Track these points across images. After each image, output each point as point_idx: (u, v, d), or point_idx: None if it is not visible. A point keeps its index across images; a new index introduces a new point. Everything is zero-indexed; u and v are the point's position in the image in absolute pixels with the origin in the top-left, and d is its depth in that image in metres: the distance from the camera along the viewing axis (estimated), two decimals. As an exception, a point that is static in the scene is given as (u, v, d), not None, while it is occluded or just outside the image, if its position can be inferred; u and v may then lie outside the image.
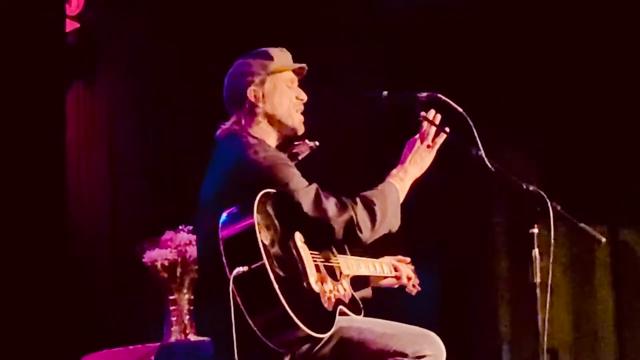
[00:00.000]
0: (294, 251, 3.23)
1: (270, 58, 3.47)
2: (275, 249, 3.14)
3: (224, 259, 3.11)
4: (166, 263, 4.82)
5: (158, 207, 5.90)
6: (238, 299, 3.07)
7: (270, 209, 3.18)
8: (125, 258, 5.40)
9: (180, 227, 4.89)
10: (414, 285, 3.89)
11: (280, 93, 3.46)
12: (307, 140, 3.52)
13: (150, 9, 6.12)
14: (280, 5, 6.10)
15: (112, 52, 6.21)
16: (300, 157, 3.51)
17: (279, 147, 3.48)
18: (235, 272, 3.05)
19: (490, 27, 6.11)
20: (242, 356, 3.10)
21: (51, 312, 5.38)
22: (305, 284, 3.20)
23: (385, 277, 3.79)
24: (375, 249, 3.65)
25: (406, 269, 3.85)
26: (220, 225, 3.16)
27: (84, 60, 6.16)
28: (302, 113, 3.50)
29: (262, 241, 3.08)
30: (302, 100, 3.50)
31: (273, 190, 3.21)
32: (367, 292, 3.70)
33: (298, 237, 3.27)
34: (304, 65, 3.53)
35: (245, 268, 3.06)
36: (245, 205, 3.15)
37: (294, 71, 3.51)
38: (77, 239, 5.90)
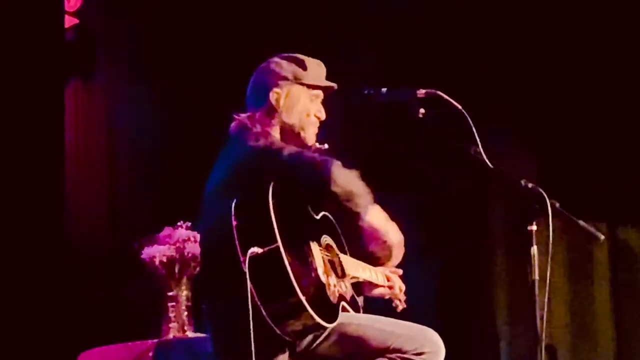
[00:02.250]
0: (304, 240, 3.24)
1: (305, 68, 3.45)
2: (286, 237, 3.13)
3: (237, 243, 3.08)
4: (164, 259, 4.82)
5: (156, 203, 5.90)
6: (250, 283, 3.05)
7: (280, 201, 3.17)
8: (123, 254, 5.39)
9: (178, 224, 4.89)
10: (402, 301, 3.89)
11: (302, 105, 3.44)
12: (316, 144, 3.51)
13: (150, 5, 6.11)
14: (281, 4, 6.09)
15: (111, 48, 6.20)
16: None
17: None
18: (250, 252, 3.04)
19: (490, 24, 6.11)
20: (241, 352, 3.10)
21: (48, 308, 5.37)
22: (313, 273, 3.21)
23: (379, 286, 3.78)
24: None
25: (398, 281, 3.85)
26: (233, 208, 3.13)
27: (82, 56, 6.15)
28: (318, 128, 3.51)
29: (278, 223, 3.08)
30: (320, 118, 3.50)
31: (282, 182, 3.20)
32: (359, 300, 3.71)
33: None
34: (334, 85, 3.52)
35: (260, 250, 3.05)
36: (258, 190, 3.14)
37: (323, 89, 3.50)
38: (76, 235, 5.90)
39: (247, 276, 3.03)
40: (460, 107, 3.38)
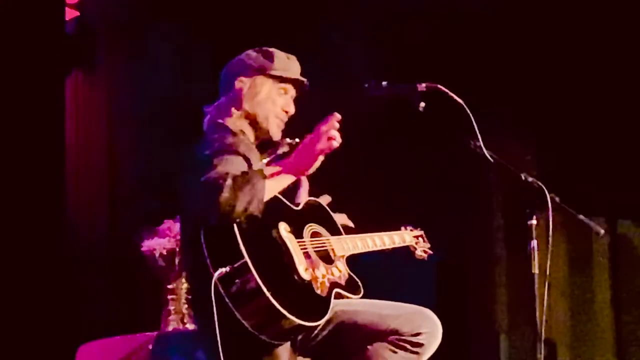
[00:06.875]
0: (279, 242, 3.23)
1: (272, 60, 3.46)
2: (259, 244, 3.12)
3: (206, 257, 3.08)
4: (164, 252, 4.82)
5: (157, 196, 5.90)
6: (225, 297, 3.05)
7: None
8: (123, 247, 5.40)
9: (178, 216, 4.89)
10: (424, 251, 3.95)
11: (266, 96, 3.45)
12: (287, 139, 3.51)
13: (150, -2, 6.13)
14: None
15: (111, 40, 6.21)
16: (279, 152, 3.50)
17: (258, 144, 3.46)
18: (217, 274, 3.03)
19: (489, 18, 6.11)
20: (233, 349, 3.10)
21: (49, 301, 5.38)
22: (294, 275, 3.21)
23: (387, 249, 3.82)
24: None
25: (408, 237, 3.91)
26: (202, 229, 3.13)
27: (83, 48, 6.15)
28: (285, 124, 3.49)
29: (242, 238, 3.07)
30: (287, 112, 3.49)
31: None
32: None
33: (283, 227, 3.28)
34: (302, 79, 3.51)
35: (228, 268, 3.04)
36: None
37: (293, 83, 3.50)
38: (76, 228, 5.90)
39: (216, 294, 3.02)
40: (460, 100, 3.39)
